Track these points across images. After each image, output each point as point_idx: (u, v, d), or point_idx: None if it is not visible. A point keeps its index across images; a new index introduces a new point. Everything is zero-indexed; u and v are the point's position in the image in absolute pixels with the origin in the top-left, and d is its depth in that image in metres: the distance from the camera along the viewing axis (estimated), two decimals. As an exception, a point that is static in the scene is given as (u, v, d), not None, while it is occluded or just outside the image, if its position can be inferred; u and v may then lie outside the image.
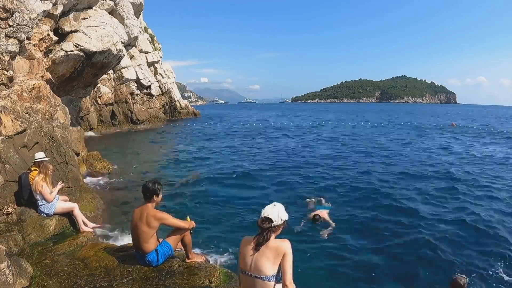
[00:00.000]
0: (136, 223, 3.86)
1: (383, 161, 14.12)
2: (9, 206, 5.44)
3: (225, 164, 13.40)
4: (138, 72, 30.62)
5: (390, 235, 6.49)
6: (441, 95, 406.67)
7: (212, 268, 3.98)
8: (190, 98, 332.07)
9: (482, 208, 8.05)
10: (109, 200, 8.00)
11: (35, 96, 7.96)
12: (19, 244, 4.69)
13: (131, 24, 26.05)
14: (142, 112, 29.92)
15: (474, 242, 6.23)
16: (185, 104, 42.55)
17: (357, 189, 9.55)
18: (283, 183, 10.32)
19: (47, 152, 6.63)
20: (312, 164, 13.39)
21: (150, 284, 3.66)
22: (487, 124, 38.80)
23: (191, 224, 4.08)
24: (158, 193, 3.88)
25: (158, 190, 3.87)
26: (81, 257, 4.38)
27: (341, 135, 24.94)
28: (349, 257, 5.57)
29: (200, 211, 7.62)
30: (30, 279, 3.75)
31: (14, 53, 7.53)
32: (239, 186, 9.91)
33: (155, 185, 3.88)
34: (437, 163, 13.49)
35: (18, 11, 7.41)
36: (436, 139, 22.54)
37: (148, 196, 3.86)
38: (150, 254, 3.91)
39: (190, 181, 10.58)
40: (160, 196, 3.92)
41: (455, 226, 6.90)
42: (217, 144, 19.67)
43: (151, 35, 36.57)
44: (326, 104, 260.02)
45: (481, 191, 9.55)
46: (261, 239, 2.60)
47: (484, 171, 12.20)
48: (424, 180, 10.76)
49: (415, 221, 7.14)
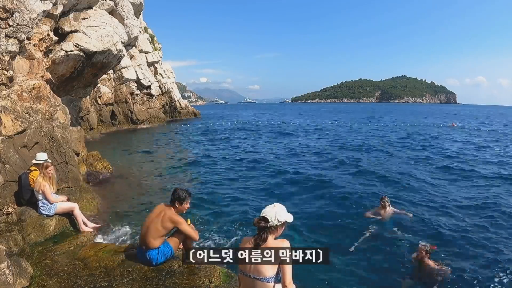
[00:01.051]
0: (153, 218, 3.96)
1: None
2: (9, 206, 5.44)
3: (226, 164, 13.40)
4: (138, 72, 30.62)
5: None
6: (441, 95, 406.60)
7: (212, 268, 3.97)
8: (190, 98, 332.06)
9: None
10: (109, 200, 7.99)
11: (35, 96, 7.96)
12: (19, 244, 4.69)
13: (131, 24, 26.04)
14: (142, 112, 29.92)
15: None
16: (185, 104, 42.52)
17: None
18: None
19: (47, 152, 6.63)
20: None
21: (150, 284, 3.66)
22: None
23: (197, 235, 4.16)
24: (182, 201, 3.99)
25: (183, 199, 3.99)
26: (81, 257, 4.39)
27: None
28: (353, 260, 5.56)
29: (200, 211, 7.62)
30: (30, 279, 3.75)
31: (14, 53, 7.53)
32: (240, 186, 9.91)
33: (183, 193, 4.01)
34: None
35: (18, 11, 7.40)
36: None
37: (172, 199, 4.00)
38: (152, 251, 3.94)
39: (190, 181, 10.58)
40: (184, 205, 4.03)
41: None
42: (218, 145, 19.67)
43: (151, 35, 36.56)
44: (327, 104, 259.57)
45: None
46: (258, 239, 2.60)
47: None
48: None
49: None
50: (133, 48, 31.11)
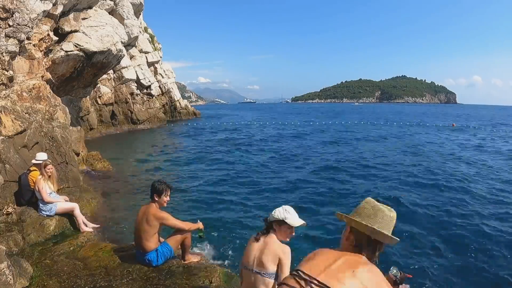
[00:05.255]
0: (139, 220, 3.88)
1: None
2: (9, 206, 5.44)
3: (227, 165, 13.40)
4: (138, 72, 30.61)
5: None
6: (441, 95, 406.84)
7: (212, 268, 3.98)
8: (190, 98, 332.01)
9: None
10: (109, 200, 7.99)
11: (35, 96, 7.96)
12: (19, 244, 4.69)
13: (131, 24, 26.03)
14: (142, 112, 29.90)
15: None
16: (185, 104, 42.50)
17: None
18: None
19: (47, 152, 6.63)
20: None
21: (150, 284, 3.66)
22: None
23: (193, 226, 4.09)
24: (161, 193, 3.85)
25: (162, 191, 3.85)
26: (81, 257, 4.38)
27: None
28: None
29: (200, 210, 7.62)
30: (30, 279, 3.75)
31: (14, 53, 7.52)
32: (241, 186, 9.91)
33: (160, 185, 3.87)
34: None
35: (18, 11, 7.40)
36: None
37: (151, 194, 3.88)
38: (150, 253, 3.91)
39: (190, 180, 10.58)
40: (163, 197, 3.89)
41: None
42: (218, 145, 19.67)
43: (151, 35, 36.54)
44: (330, 104, 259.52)
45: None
46: (261, 232, 2.74)
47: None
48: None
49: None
50: (133, 48, 31.09)
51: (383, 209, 1.53)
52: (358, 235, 1.52)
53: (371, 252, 1.52)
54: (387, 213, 1.53)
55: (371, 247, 1.52)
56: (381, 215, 1.52)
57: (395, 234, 1.51)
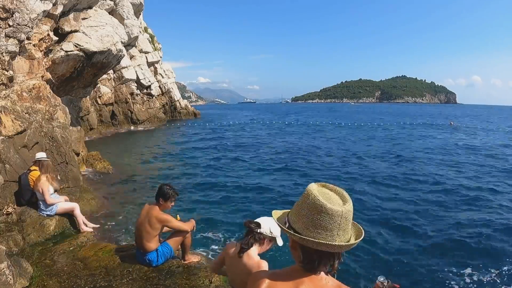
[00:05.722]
0: (141, 221, 3.89)
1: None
2: (9, 206, 5.44)
3: (227, 165, 13.40)
4: (138, 72, 30.60)
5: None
6: (441, 95, 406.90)
7: (212, 268, 3.98)
8: (190, 98, 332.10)
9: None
10: (109, 200, 7.99)
11: (35, 96, 7.96)
12: (19, 244, 4.69)
13: (131, 24, 26.02)
14: (142, 112, 29.90)
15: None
16: (185, 104, 42.49)
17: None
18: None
19: (47, 152, 6.63)
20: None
21: (150, 284, 3.66)
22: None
23: (192, 225, 4.09)
24: (166, 198, 3.86)
25: (167, 195, 3.85)
26: (81, 257, 4.39)
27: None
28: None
29: (201, 210, 7.62)
30: (30, 279, 3.75)
31: (14, 53, 7.52)
32: (242, 187, 9.91)
33: (169, 190, 3.88)
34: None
35: (18, 11, 7.40)
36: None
37: (156, 197, 3.90)
38: (150, 253, 3.92)
39: (190, 180, 10.57)
40: (168, 203, 3.90)
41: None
42: (218, 146, 19.67)
43: (151, 35, 36.53)
44: (330, 104, 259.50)
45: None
46: (244, 243, 2.42)
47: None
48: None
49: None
50: (133, 48, 31.09)
51: (328, 208, 1.08)
52: (306, 252, 1.15)
53: (330, 266, 1.18)
54: (336, 209, 1.09)
55: (328, 260, 1.15)
56: (327, 220, 1.08)
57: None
